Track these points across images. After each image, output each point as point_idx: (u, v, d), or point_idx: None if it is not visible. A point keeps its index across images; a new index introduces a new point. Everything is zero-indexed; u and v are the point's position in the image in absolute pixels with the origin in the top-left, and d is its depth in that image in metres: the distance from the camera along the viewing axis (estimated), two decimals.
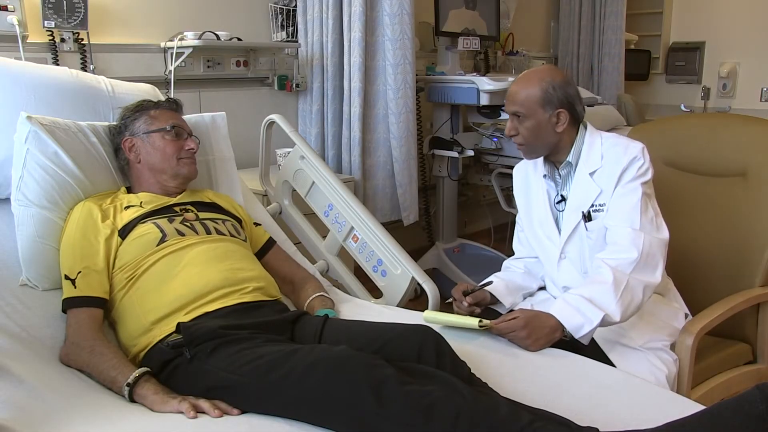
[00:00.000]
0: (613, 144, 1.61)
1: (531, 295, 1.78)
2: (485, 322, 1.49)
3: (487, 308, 1.70)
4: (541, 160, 1.70)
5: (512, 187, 1.86)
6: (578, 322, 1.46)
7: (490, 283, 1.70)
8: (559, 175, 1.67)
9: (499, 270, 1.84)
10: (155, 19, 2.56)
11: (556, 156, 1.66)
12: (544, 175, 1.70)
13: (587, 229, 1.60)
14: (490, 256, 3.44)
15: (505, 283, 1.73)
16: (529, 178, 1.76)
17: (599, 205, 1.59)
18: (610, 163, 1.58)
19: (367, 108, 2.79)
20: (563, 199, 1.66)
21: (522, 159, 1.77)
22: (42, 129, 1.57)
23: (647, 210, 1.55)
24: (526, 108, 1.59)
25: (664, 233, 1.56)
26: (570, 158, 1.64)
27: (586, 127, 1.65)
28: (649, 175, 1.58)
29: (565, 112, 1.59)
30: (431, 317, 1.57)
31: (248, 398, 1.20)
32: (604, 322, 1.46)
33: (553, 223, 1.68)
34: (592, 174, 1.60)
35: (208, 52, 2.65)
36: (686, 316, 1.68)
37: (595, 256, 1.56)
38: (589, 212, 1.60)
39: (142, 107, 1.71)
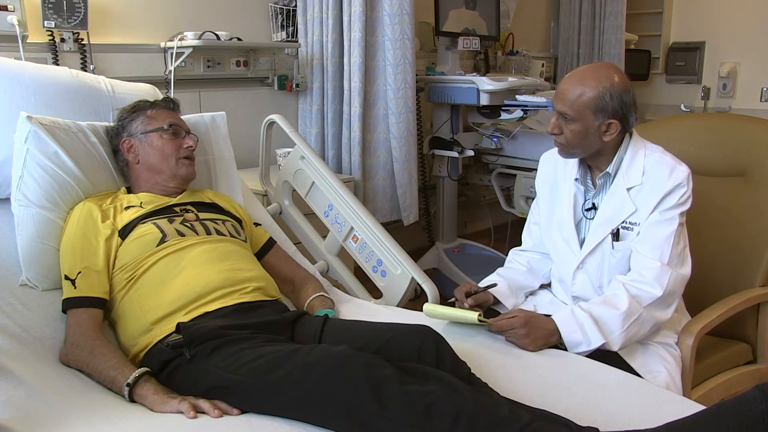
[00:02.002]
0: (658, 161, 1.53)
1: (533, 293, 1.77)
2: (485, 317, 1.50)
3: (489, 309, 1.70)
4: (574, 160, 1.62)
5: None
6: (577, 339, 1.45)
7: (494, 285, 1.66)
8: (594, 183, 1.60)
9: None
10: (155, 19, 2.56)
11: (594, 161, 1.59)
12: (576, 179, 1.62)
13: (613, 247, 1.55)
14: (490, 256, 3.44)
15: (507, 283, 1.71)
16: (557, 172, 1.69)
17: (631, 223, 1.53)
18: (652, 183, 1.51)
19: (367, 108, 2.79)
20: (594, 207, 1.60)
21: (546, 150, 1.72)
22: (42, 129, 1.57)
23: (678, 243, 1.50)
24: (575, 111, 1.48)
25: (687, 269, 1.52)
26: (610, 169, 1.56)
27: (631, 135, 1.57)
28: (688, 204, 1.51)
29: (616, 123, 1.49)
30: (431, 310, 1.57)
31: (248, 398, 1.20)
32: (602, 347, 1.45)
33: (574, 229, 1.62)
34: (629, 189, 1.53)
35: (208, 52, 2.65)
36: None
37: (616, 278, 1.52)
38: (618, 230, 1.54)
39: (139, 107, 1.71)
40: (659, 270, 1.47)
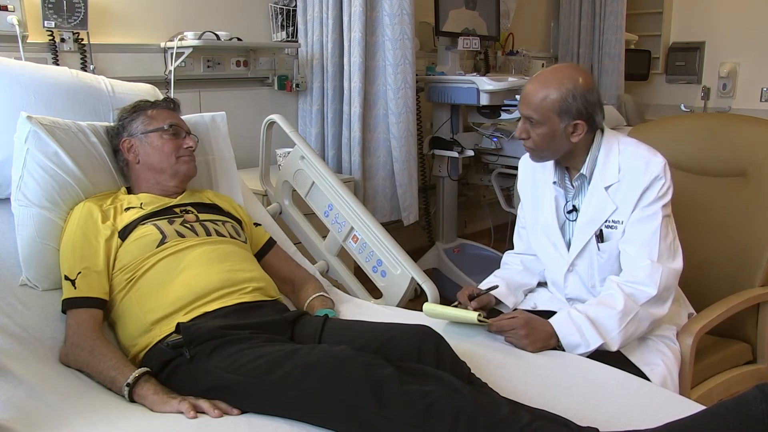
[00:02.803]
0: (632, 155, 1.52)
1: (532, 291, 1.77)
2: (484, 317, 1.50)
3: (491, 309, 1.69)
4: (550, 163, 1.62)
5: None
6: (575, 341, 1.45)
7: (496, 287, 1.66)
8: (572, 185, 1.60)
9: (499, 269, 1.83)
10: (155, 19, 2.56)
11: (568, 162, 1.58)
12: (554, 182, 1.62)
13: (599, 249, 1.55)
14: (490, 256, 3.44)
15: (505, 282, 1.71)
16: (536, 176, 1.68)
17: (614, 221, 1.52)
18: (629, 179, 1.50)
19: (367, 108, 2.79)
20: (575, 209, 1.59)
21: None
22: (42, 129, 1.57)
23: (666, 235, 1.49)
24: (540, 114, 1.48)
25: (679, 261, 1.51)
26: (584, 170, 1.55)
27: (603, 132, 1.56)
28: (669, 195, 1.50)
29: (582, 124, 1.48)
30: (431, 309, 1.57)
31: (248, 398, 1.20)
32: (601, 348, 1.45)
33: (559, 232, 1.62)
34: (607, 188, 1.52)
35: (208, 52, 2.65)
36: (689, 315, 1.67)
37: (610, 278, 1.52)
38: (601, 231, 1.54)
39: (139, 107, 1.71)
40: (650, 268, 1.46)
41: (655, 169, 1.49)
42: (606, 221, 1.53)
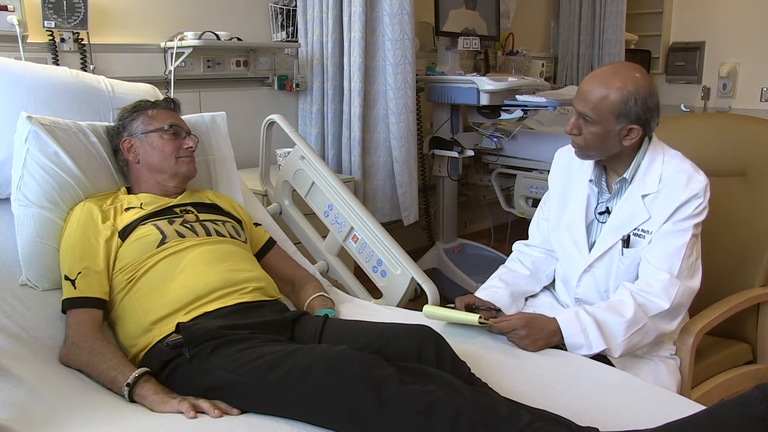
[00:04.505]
0: (676, 169, 1.49)
1: (533, 296, 1.75)
2: (485, 319, 1.49)
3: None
4: (590, 160, 1.59)
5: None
6: (579, 341, 1.44)
7: (499, 309, 1.62)
8: (608, 186, 1.57)
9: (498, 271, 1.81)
10: (155, 19, 2.56)
11: (611, 164, 1.55)
12: (590, 180, 1.60)
13: (623, 254, 1.52)
14: (490, 256, 3.44)
15: (510, 290, 1.68)
16: (571, 170, 1.65)
17: (643, 230, 1.50)
18: (668, 191, 1.48)
19: (367, 108, 2.79)
20: (608, 211, 1.57)
21: (547, 150, 1.71)
22: (42, 129, 1.57)
23: (691, 254, 1.47)
24: (597, 113, 1.44)
25: (697, 281, 1.49)
26: (627, 174, 1.52)
27: (650, 140, 1.53)
28: (704, 215, 1.49)
29: (638, 129, 1.45)
30: (431, 312, 1.57)
31: (248, 398, 1.20)
32: (603, 353, 1.44)
33: (584, 231, 1.59)
34: (644, 196, 1.50)
35: (208, 52, 2.65)
36: None
37: (624, 284, 1.50)
38: (629, 236, 1.52)
39: (140, 107, 1.71)
40: (668, 282, 1.45)
41: (696, 186, 1.48)
42: (635, 228, 1.52)
